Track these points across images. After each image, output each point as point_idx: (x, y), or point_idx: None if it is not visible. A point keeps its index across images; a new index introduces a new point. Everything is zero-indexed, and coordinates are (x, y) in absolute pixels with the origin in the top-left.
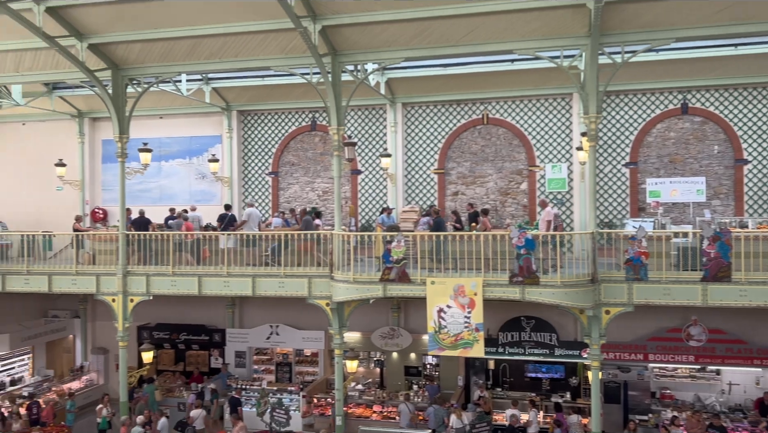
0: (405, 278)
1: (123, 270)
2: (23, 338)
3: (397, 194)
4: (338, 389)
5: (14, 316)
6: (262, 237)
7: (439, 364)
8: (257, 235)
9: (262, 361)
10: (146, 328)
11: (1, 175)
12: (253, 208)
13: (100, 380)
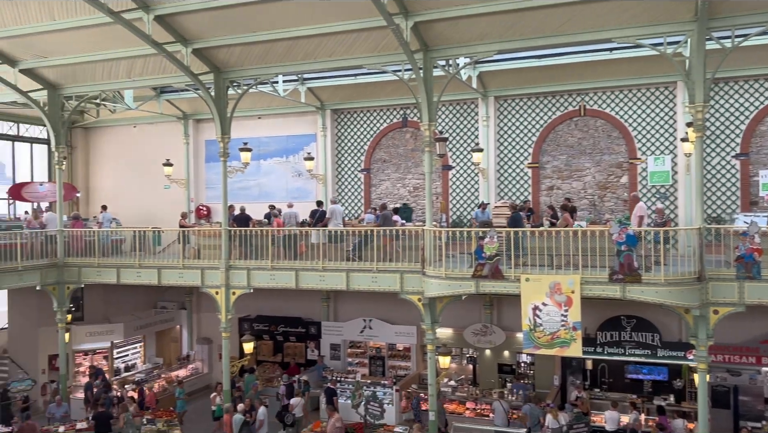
0: (498, 275)
1: (226, 264)
2: (135, 327)
3: (489, 189)
4: (431, 384)
5: (127, 307)
6: (347, 232)
7: (533, 362)
8: (342, 230)
9: (356, 354)
10: (247, 319)
11: (115, 174)
12: (337, 205)
13: (204, 368)
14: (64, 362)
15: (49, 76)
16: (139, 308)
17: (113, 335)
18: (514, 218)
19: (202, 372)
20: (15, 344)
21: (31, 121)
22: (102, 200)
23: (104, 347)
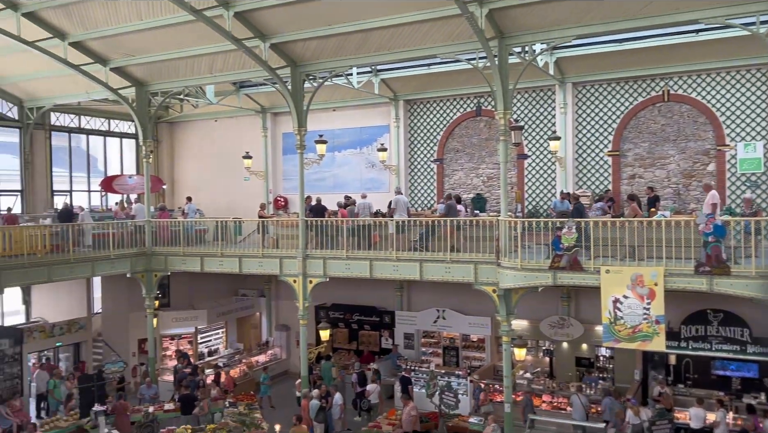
0: (577, 266)
1: (303, 254)
2: (218, 314)
3: (567, 179)
4: (506, 376)
5: (210, 294)
6: (414, 223)
7: (613, 356)
8: (407, 221)
9: (429, 343)
10: (323, 308)
11: (197, 167)
12: (401, 196)
13: (282, 354)
14: (153, 346)
15: (136, 73)
16: (221, 296)
17: (197, 321)
18: (577, 208)
19: (280, 358)
20: (108, 328)
21: (121, 117)
22: (186, 192)
23: (189, 333)
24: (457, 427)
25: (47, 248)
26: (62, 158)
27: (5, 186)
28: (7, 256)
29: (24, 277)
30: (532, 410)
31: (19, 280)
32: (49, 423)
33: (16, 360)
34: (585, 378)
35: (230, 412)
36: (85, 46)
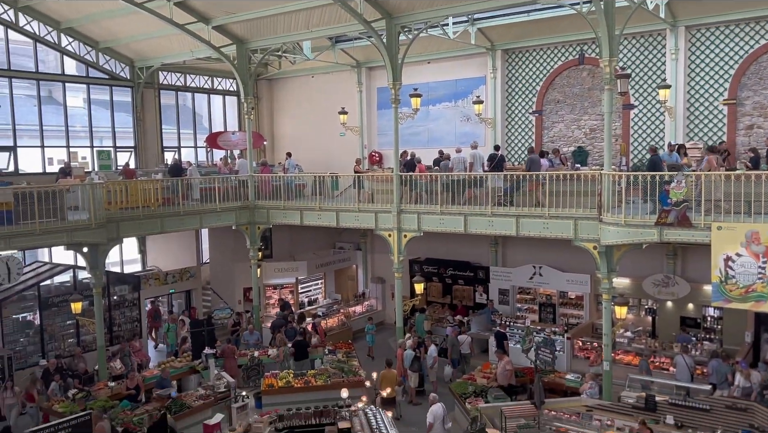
0: (685, 222)
1: (397, 208)
2: (317, 265)
3: (677, 130)
4: (606, 334)
5: (309, 246)
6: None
7: (722, 317)
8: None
9: (524, 300)
10: (417, 262)
11: (295, 123)
12: (477, 150)
13: (378, 306)
14: (257, 295)
15: (237, 31)
16: (319, 248)
17: (297, 271)
18: (652, 160)
19: (376, 309)
20: (216, 277)
21: (223, 75)
22: (285, 147)
23: (290, 283)
24: (552, 383)
25: (159, 201)
26: (170, 116)
27: (121, 143)
28: (123, 208)
29: (139, 228)
30: (649, 372)
31: (136, 231)
32: (165, 363)
33: (135, 305)
34: (679, 337)
35: (329, 359)
36: (188, 6)
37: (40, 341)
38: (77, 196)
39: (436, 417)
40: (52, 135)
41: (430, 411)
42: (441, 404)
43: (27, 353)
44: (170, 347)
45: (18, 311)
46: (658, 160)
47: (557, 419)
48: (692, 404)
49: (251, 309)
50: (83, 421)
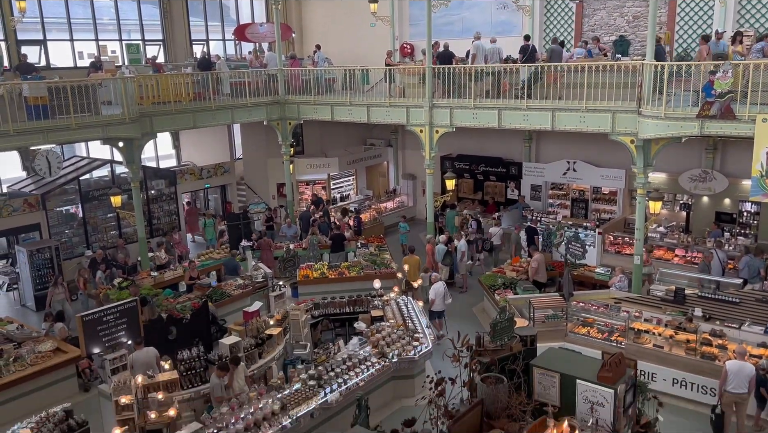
0: (729, 114)
1: (429, 103)
2: (348, 162)
3: (726, 17)
4: (638, 228)
5: (340, 143)
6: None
7: (758, 212)
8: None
9: (557, 196)
10: (449, 158)
11: (324, 13)
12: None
13: (409, 202)
14: (290, 190)
15: None
16: (351, 144)
17: (329, 168)
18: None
19: (407, 205)
20: (249, 172)
21: None
22: (314, 40)
23: (322, 179)
24: (582, 276)
25: (190, 96)
26: (197, 7)
27: (149, 36)
28: (156, 103)
29: (172, 123)
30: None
31: (169, 125)
32: (205, 255)
33: (172, 199)
34: (712, 233)
35: (362, 252)
36: None
37: (84, 233)
38: (109, 90)
39: (438, 294)
40: (80, 28)
41: (433, 288)
42: (443, 282)
43: (73, 244)
44: (208, 241)
45: (61, 204)
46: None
47: (585, 310)
48: (721, 297)
49: (285, 204)
50: (131, 307)
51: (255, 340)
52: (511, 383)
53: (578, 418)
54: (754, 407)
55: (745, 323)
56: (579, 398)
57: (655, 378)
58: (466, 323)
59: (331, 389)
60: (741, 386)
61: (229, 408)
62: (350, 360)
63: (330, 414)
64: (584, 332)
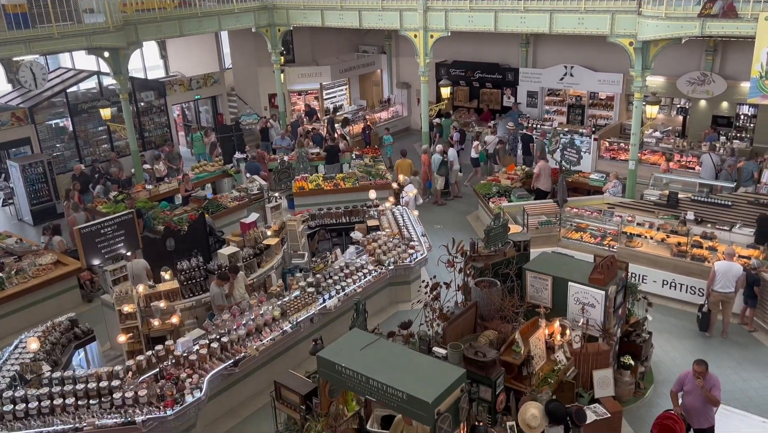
0: (731, 13)
1: (423, 5)
2: (340, 70)
3: None
4: (634, 133)
5: (332, 50)
6: None
7: (755, 115)
8: None
9: (553, 102)
10: (444, 65)
11: None
12: None
13: (404, 112)
14: (282, 100)
15: None
16: (342, 52)
17: (321, 77)
18: None
19: (401, 115)
20: (240, 83)
21: None
22: None
23: (314, 89)
24: (576, 183)
25: (175, 2)
26: None
27: None
28: (140, 10)
29: (158, 31)
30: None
31: (154, 34)
32: (198, 167)
33: (162, 111)
34: (708, 136)
35: (357, 163)
36: None
37: (75, 146)
38: None
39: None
40: None
41: (405, 190)
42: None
43: (65, 158)
44: (196, 156)
45: (50, 117)
46: None
47: (578, 216)
48: (714, 200)
49: (277, 114)
50: (128, 219)
51: (253, 250)
52: (505, 286)
53: (569, 318)
54: (739, 306)
55: (736, 225)
56: (570, 300)
57: (645, 280)
58: (460, 230)
59: (329, 295)
60: (728, 286)
61: (230, 315)
62: (347, 268)
63: (329, 319)
64: (577, 238)
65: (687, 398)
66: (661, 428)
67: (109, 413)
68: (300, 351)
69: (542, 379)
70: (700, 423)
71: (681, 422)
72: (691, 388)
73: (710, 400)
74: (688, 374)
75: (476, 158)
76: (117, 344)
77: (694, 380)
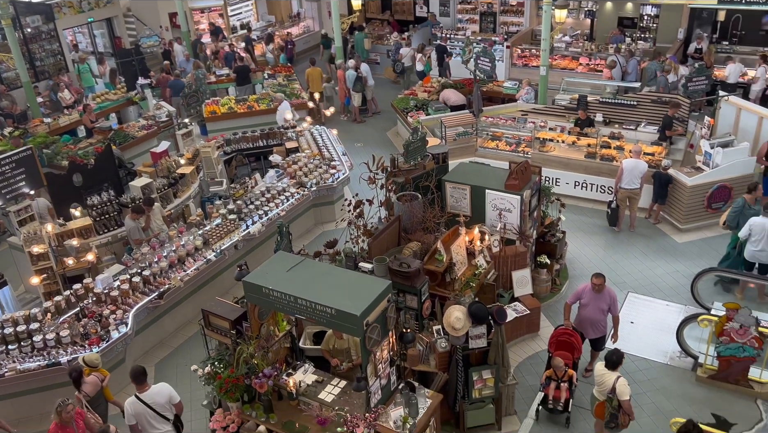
0: None
1: None
2: None
3: None
4: (544, 39)
5: None
6: None
7: (658, 15)
8: None
9: (466, 10)
10: None
11: None
12: None
13: (315, 26)
14: (184, 19)
15: None
16: None
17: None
18: None
19: (312, 30)
20: (137, 2)
21: None
22: None
23: (218, 5)
24: (491, 92)
25: None
26: None
27: None
28: None
29: None
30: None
31: None
32: (99, 96)
33: (53, 36)
34: (613, 38)
35: (270, 83)
36: None
37: None
38: None
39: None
40: None
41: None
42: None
43: None
44: (86, 90)
45: None
46: None
47: (494, 125)
48: (621, 101)
49: (180, 36)
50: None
51: (167, 180)
52: (426, 199)
53: (488, 224)
54: (647, 202)
55: (641, 124)
56: (488, 207)
57: (558, 183)
58: (381, 147)
59: (252, 221)
60: (634, 183)
61: (150, 248)
62: (269, 192)
63: (254, 245)
64: (493, 146)
65: (584, 310)
66: (558, 344)
67: (31, 357)
68: (226, 279)
69: (464, 283)
70: (594, 333)
71: (576, 335)
72: (588, 300)
73: (614, 320)
74: (585, 287)
75: (422, 71)
76: (31, 287)
77: (592, 292)
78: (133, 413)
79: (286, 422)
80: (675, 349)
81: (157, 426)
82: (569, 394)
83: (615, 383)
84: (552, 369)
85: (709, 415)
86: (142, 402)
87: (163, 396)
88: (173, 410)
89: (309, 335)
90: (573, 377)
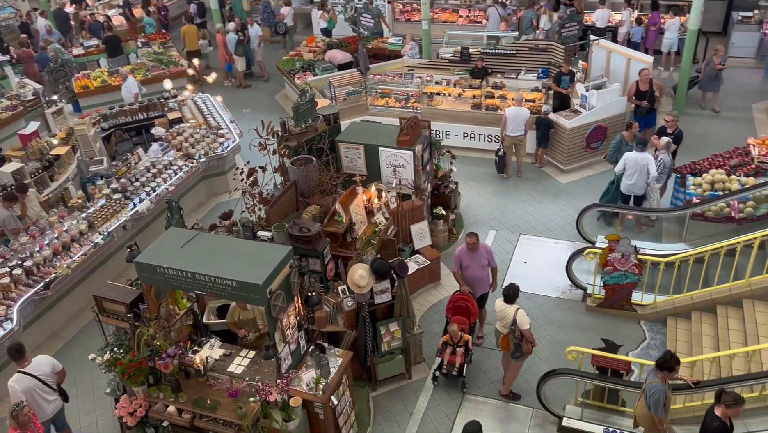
0: None
1: None
2: None
3: None
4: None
5: None
6: None
7: None
8: None
9: None
10: None
11: None
12: None
13: None
14: None
15: None
16: None
17: None
18: None
19: None
20: None
21: None
22: None
23: None
24: (376, 49)
25: None
26: None
27: None
28: None
29: None
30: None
31: None
32: None
33: None
34: None
35: (144, 52)
36: None
37: None
38: None
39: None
40: None
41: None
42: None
43: None
44: None
45: None
46: None
47: (382, 82)
48: (501, 50)
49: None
50: None
51: (41, 163)
52: (320, 161)
53: (384, 182)
54: (533, 148)
55: (521, 72)
56: (383, 164)
57: (448, 135)
58: (270, 112)
59: (139, 199)
60: (518, 130)
61: (29, 237)
62: (154, 167)
63: (144, 224)
64: (383, 104)
65: (468, 272)
66: (455, 309)
67: None
68: (117, 261)
69: (366, 242)
70: (482, 290)
71: (472, 300)
72: (468, 261)
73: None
74: (462, 250)
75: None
76: None
77: (469, 253)
78: (22, 390)
79: (197, 399)
80: (566, 283)
81: (48, 397)
82: (464, 359)
83: (515, 314)
84: (448, 334)
85: (599, 340)
86: (29, 375)
87: (46, 366)
88: (56, 379)
89: (213, 309)
90: (468, 341)
